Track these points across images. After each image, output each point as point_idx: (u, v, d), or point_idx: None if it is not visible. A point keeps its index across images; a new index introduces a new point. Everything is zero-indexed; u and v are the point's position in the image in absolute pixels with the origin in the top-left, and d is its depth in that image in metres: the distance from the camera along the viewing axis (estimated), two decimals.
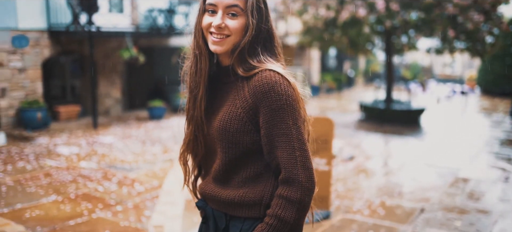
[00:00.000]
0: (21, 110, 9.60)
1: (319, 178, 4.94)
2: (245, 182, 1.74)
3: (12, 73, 9.67)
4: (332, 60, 22.30)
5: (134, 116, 11.91)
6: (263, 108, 1.62)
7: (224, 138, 1.70)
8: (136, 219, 5.01)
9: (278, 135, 1.62)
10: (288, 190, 1.61)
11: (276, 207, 1.62)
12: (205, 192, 1.85)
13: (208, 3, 1.69)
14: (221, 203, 1.78)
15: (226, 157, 1.73)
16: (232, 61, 1.72)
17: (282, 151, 1.62)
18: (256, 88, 1.63)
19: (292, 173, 1.60)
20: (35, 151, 8.11)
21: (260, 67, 1.67)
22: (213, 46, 1.69)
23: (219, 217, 1.81)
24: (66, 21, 10.27)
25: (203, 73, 1.74)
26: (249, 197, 1.72)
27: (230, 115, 1.69)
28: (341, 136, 9.75)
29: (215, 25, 1.67)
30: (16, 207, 5.30)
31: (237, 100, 1.70)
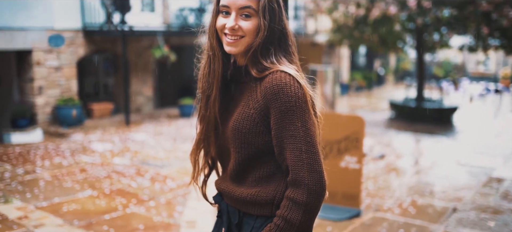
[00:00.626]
0: (57, 108, 9.87)
1: (349, 176, 4.97)
2: (259, 181, 1.75)
3: (49, 71, 9.95)
4: (362, 58, 22.12)
5: (165, 114, 12.09)
6: (273, 109, 1.63)
7: (237, 138, 1.72)
8: (169, 215, 5.11)
9: (286, 136, 1.62)
10: (295, 192, 1.61)
11: (284, 209, 1.63)
12: (221, 188, 1.89)
13: (222, 5, 1.71)
14: (235, 200, 1.81)
15: (239, 157, 1.75)
16: (246, 62, 1.74)
17: (290, 152, 1.62)
18: (267, 89, 1.63)
19: (299, 176, 1.60)
20: (70, 147, 8.34)
21: (273, 68, 1.67)
22: (228, 47, 1.71)
23: (233, 213, 1.83)
24: (100, 21, 10.50)
25: (216, 74, 1.76)
26: (262, 196, 1.73)
27: (243, 115, 1.70)
28: (371, 135, 9.69)
29: (229, 27, 1.68)
30: (54, 201, 5.48)
31: (250, 101, 1.71)
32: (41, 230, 4.63)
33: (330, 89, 8.69)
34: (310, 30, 16.65)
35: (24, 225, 4.74)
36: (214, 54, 1.75)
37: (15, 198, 5.57)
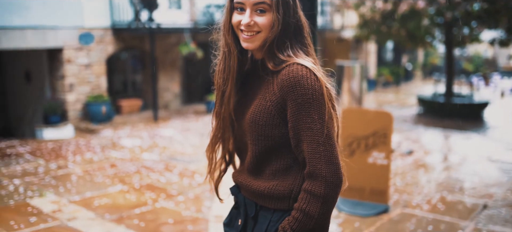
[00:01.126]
0: (87, 104, 10.08)
1: (377, 172, 4.95)
2: (276, 174, 1.76)
3: (79, 69, 10.16)
4: (389, 53, 21.87)
5: (192, 110, 12.21)
6: (290, 101, 1.63)
7: (254, 130, 1.73)
8: (197, 209, 5.18)
9: (303, 129, 1.62)
10: (312, 184, 1.62)
11: (302, 201, 1.64)
12: (239, 181, 1.90)
13: (236, 2, 1.71)
14: (252, 193, 1.82)
15: (256, 149, 1.76)
16: (262, 56, 1.76)
17: (307, 145, 1.62)
18: (283, 82, 1.64)
19: (316, 168, 1.61)
20: (100, 143, 8.51)
21: (289, 61, 1.68)
22: (245, 44, 1.72)
23: (250, 205, 1.84)
24: (128, 19, 10.67)
25: (231, 70, 1.77)
26: (279, 190, 1.74)
27: (259, 108, 1.71)
28: (399, 131, 9.60)
29: (244, 23, 1.69)
30: (86, 195, 5.61)
31: (266, 94, 1.72)
32: (74, 223, 4.75)
33: (357, 84, 8.64)
34: (337, 26, 16.55)
35: (58, 218, 4.88)
36: (229, 51, 1.76)
37: (49, 192, 5.72)
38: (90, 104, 10.05)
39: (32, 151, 7.98)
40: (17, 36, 8.89)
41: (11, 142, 8.80)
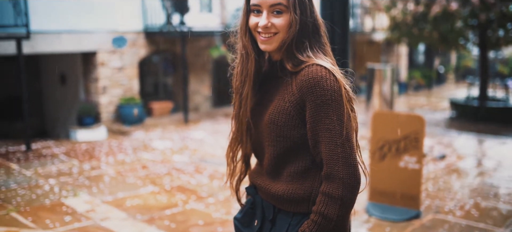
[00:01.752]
0: (120, 106, 10.27)
1: (408, 177, 4.89)
2: (294, 176, 1.75)
3: (112, 72, 10.36)
4: (421, 56, 21.53)
5: (222, 113, 12.29)
6: (309, 102, 1.63)
7: (273, 131, 1.72)
8: (227, 212, 5.22)
9: (321, 130, 1.62)
10: (330, 186, 1.61)
11: (320, 204, 1.63)
12: (257, 182, 1.89)
13: (252, 4, 1.71)
14: (270, 195, 1.81)
15: (275, 151, 1.75)
16: (281, 57, 1.75)
17: (325, 146, 1.62)
18: (303, 83, 1.63)
19: (334, 169, 1.61)
20: (132, 144, 8.66)
21: (309, 61, 1.67)
22: (263, 45, 1.72)
23: (268, 208, 1.84)
24: (160, 23, 10.83)
25: (249, 72, 1.76)
26: (298, 193, 1.73)
27: (278, 109, 1.71)
28: (431, 135, 9.45)
29: (262, 25, 1.68)
30: (118, 196, 5.72)
31: (285, 94, 1.71)
32: (106, 223, 4.85)
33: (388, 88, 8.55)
34: (367, 28, 16.40)
35: (91, 218, 4.99)
36: (247, 53, 1.76)
37: (83, 192, 5.86)
38: (122, 106, 10.23)
39: (67, 152, 8.18)
40: (53, 40, 9.13)
41: (47, 143, 9.04)
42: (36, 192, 5.86)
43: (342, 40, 2.52)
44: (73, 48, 9.64)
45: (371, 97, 8.55)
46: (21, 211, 5.19)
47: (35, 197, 5.65)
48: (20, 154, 7.96)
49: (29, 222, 4.87)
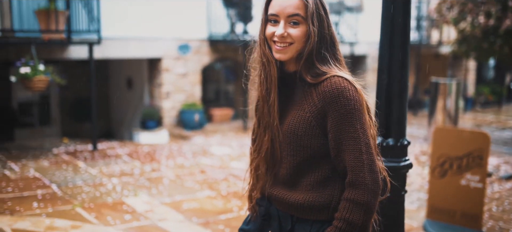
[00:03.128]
0: (182, 112, 10.55)
1: (470, 196, 4.71)
2: (314, 185, 1.78)
3: (176, 78, 10.68)
4: (491, 71, 20.63)
5: None
6: (332, 112, 1.68)
7: (293, 141, 1.76)
8: None
9: (346, 138, 1.67)
10: (355, 193, 1.66)
11: (344, 211, 1.67)
12: (273, 194, 1.90)
13: (270, 14, 1.76)
14: (289, 205, 1.83)
15: (294, 160, 1.79)
16: (299, 68, 1.77)
17: (350, 154, 1.67)
18: (326, 94, 1.69)
19: (359, 176, 1.66)
20: (192, 149, 8.87)
21: (329, 73, 1.72)
22: (277, 54, 1.76)
23: (285, 218, 1.86)
24: (224, 31, 11.04)
25: (273, 79, 1.79)
26: (319, 201, 1.76)
27: (298, 119, 1.76)
28: (498, 154, 9.02)
29: (278, 34, 1.73)
30: (176, 198, 5.88)
31: (305, 104, 1.76)
32: (164, 224, 5.00)
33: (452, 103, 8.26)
34: (434, 41, 15.93)
35: (149, 218, 5.16)
36: (268, 61, 1.79)
37: (143, 192, 6.07)
38: (184, 112, 10.51)
39: (130, 153, 8.50)
40: (122, 46, 9.55)
41: (112, 144, 9.43)
42: (99, 190, 6.14)
43: (402, 53, 2.49)
44: (140, 54, 10.03)
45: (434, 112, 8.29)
46: (85, 207, 5.45)
47: (99, 195, 5.92)
48: (87, 153, 8.36)
49: (92, 218, 5.10)
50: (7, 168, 7.14)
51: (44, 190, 6.05)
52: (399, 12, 2.48)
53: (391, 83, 2.49)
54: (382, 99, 2.52)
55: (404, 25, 2.49)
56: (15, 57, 7.99)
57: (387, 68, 2.50)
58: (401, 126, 2.53)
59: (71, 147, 8.89)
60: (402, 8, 2.48)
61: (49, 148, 8.76)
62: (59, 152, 8.40)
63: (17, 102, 10.53)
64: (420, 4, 15.06)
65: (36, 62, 7.47)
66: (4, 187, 6.15)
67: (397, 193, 2.55)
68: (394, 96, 2.49)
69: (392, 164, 2.50)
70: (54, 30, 7.77)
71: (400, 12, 2.48)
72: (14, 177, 6.66)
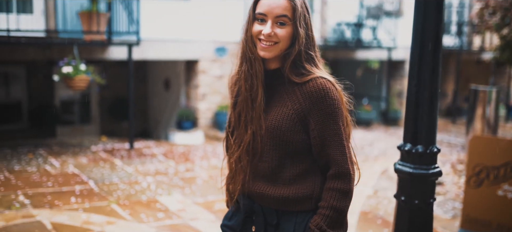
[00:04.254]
0: (217, 113, 10.66)
1: (507, 207, 4.58)
2: (296, 179, 1.90)
3: (212, 80, 10.80)
4: None
5: None
6: (318, 111, 1.83)
7: (276, 136, 1.86)
8: None
9: (330, 135, 1.84)
10: (341, 182, 1.85)
11: (330, 199, 1.84)
12: (253, 191, 1.95)
13: (258, 13, 1.85)
14: (272, 200, 1.92)
15: (276, 155, 1.88)
16: (280, 66, 1.89)
17: (334, 149, 1.85)
18: (312, 94, 1.82)
19: (344, 168, 1.85)
20: None
21: (313, 73, 1.86)
22: (262, 52, 1.85)
23: (270, 213, 1.94)
24: None
25: (259, 75, 1.88)
26: (302, 193, 1.89)
27: (282, 115, 1.86)
28: None
29: (265, 33, 1.82)
30: (209, 198, 5.96)
31: (288, 101, 1.87)
32: (195, 223, 5.08)
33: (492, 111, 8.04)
34: (475, 47, 15.54)
35: (182, 217, 5.25)
36: (254, 57, 1.87)
37: (176, 192, 6.17)
38: (219, 113, 10.61)
39: (165, 153, 8.65)
40: (160, 48, 9.73)
41: (148, 143, 9.62)
42: (134, 187, 6.28)
43: (433, 59, 2.46)
44: (177, 56, 10.19)
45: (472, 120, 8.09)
46: (120, 203, 5.60)
47: (134, 193, 6.06)
48: (123, 152, 8.56)
49: (126, 215, 5.23)
50: (48, 164, 7.40)
51: (82, 186, 6.24)
52: (431, 18, 2.46)
53: (421, 90, 2.47)
54: (412, 105, 2.50)
55: (436, 31, 2.47)
56: (58, 57, 8.28)
57: (417, 74, 2.48)
58: (431, 133, 2.51)
59: (108, 145, 9.13)
60: (435, 14, 2.45)
61: (88, 146, 9.03)
62: (97, 150, 8.64)
63: (59, 100, 10.89)
64: (462, 9, 14.73)
65: (78, 62, 7.72)
66: (45, 181, 6.38)
67: (425, 200, 2.53)
68: (424, 102, 2.47)
69: (420, 171, 2.49)
70: (96, 31, 8.01)
71: (432, 18, 2.46)
72: (55, 172, 6.90)
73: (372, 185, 6.81)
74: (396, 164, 2.60)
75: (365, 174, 7.42)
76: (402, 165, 2.56)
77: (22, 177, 6.56)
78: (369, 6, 12.20)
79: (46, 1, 8.28)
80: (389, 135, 11.18)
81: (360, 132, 11.53)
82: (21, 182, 6.29)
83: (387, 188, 6.60)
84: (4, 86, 10.92)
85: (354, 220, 5.35)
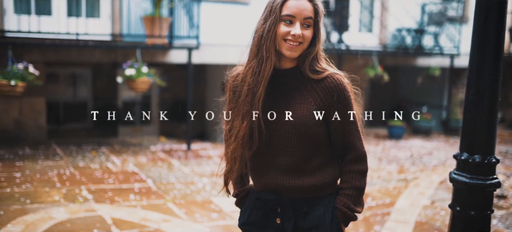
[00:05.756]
0: None
1: None
2: (318, 168, 2.07)
3: None
4: None
5: (373, 133, 12.09)
6: (337, 104, 2.02)
7: (304, 131, 1.99)
8: (366, 230, 5.17)
9: (349, 124, 2.06)
10: (359, 164, 2.09)
11: (352, 180, 2.08)
12: (278, 185, 2.06)
13: (286, 14, 1.94)
14: (301, 190, 2.06)
15: (303, 149, 2.02)
16: (304, 65, 2.02)
17: (352, 136, 2.08)
18: (331, 89, 2.00)
19: (361, 151, 2.10)
20: None
21: (327, 70, 2.03)
22: (288, 52, 1.96)
23: (299, 203, 2.08)
24: None
25: (266, 74, 1.96)
26: (327, 178, 2.08)
27: (307, 111, 2.00)
28: None
29: (296, 34, 1.93)
30: None
31: (309, 98, 2.01)
32: None
33: None
34: None
35: (235, 218, 5.32)
36: (268, 56, 1.96)
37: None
38: None
39: (221, 155, 8.77)
40: (219, 52, 9.91)
41: (204, 145, 9.82)
42: (190, 188, 6.44)
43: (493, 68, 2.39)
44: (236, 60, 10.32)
45: None
46: (176, 202, 5.76)
47: (189, 192, 6.22)
48: (181, 153, 8.79)
49: (182, 214, 5.38)
50: (110, 162, 7.72)
51: (140, 184, 6.47)
52: (492, 24, 2.39)
53: (479, 99, 2.40)
54: (469, 114, 2.44)
55: (498, 39, 2.40)
56: (122, 59, 8.64)
57: (476, 83, 2.41)
58: (489, 143, 2.44)
59: (167, 146, 9.40)
60: (496, 21, 2.39)
61: (147, 146, 9.34)
62: (156, 150, 8.92)
63: (122, 101, 11.32)
64: None
65: (140, 65, 8.01)
66: (107, 178, 6.67)
67: (482, 211, 2.46)
68: (482, 112, 2.40)
69: (477, 182, 2.42)
70: (158, 35, 8.29)
71: (494, 25, 2.39)
72: (115, 170, 7.19)
73: (429, 195, 6.63)
74: (452, 173, 2.54)
75: (422, 183, 7.24)
76: (457, 175, 2.50)
77: (86, 173, 6.89)
78: (431, 12, 11.88)
79: (112, 6, 8.66)
80: (449, 145, 10.82)
81: (419, 140, 11.24)
82: (85, 178, 6.61)
83: (445, 199, 6.40)
84: (72, 87, 11.50)
85: (408, 230, 5.24)
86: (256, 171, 2.15)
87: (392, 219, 5.59)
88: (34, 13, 8.06)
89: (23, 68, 7.24)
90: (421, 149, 10.21)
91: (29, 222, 4.90)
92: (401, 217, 5.66)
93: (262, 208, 2.13)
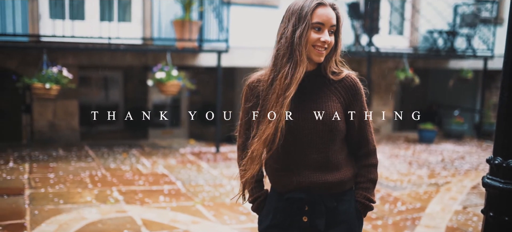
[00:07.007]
0: None
1: None
2: (345, 161, 2.22)
3: None
4: None
5: (403, 137, 11.93)
6: (356, 101, 2.18)
7: (333, 128, 2.11)
8: None
9: (364, 120, 2.22)
10: (372, 158, 2.26)
11: (367, 174, 2.24)
12: (311, 182, 2.14)
13: (316, 22, 2.05)
14: (331, 186, 2.16)
15: (331, 145, 2.14)
16: (326, 68, 2.16)
17: (367, 131, 2.23)
18: (350, 87, 2.16)
19: (373, 145, 2.26)
20: None
21: (343, 71, 2.19)
22: (317, 57, 2.09)
23: (328, 199, 2.16)
24: (348, 43, 11.00)
25: (298, 76, 2.05)
26: (350, 173, 2.22)
27: (333, 108, 2.13)
28: None
29: (326, 40, 2.06)
30: None
31: (333, 96, 2.15)
32: None
33: None
34: None
35: None
36: (302, 60, 2.05)
37: None
38: None
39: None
40: (248, 55, 9.96)
41: (233, 148, 9.84)
42: (219, 190, 6.48)
43: None
44: (263, 63, 10.35)
45: None
46: (205, 205, 5.81)
47: (218, 195, 6.26)
48: (210, 155, 8.85)
49: (210, 216, 5.42)
50: (140, 164, 7.84)
51: (170, 186, 6.55)
52: None
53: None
54: (503, 117, 2.39)
55: None
56: (152, 63, 8.76)
57: (510, 85, 2.36)
58: None
59: (196, 149, 9.49)
60: None
61: (177, 148, 9.44)
62: (185, 152, 9.01)
63: (152, 104, 11.48)
64: None
65: (170, 68, 8.11)
66: (137, 180, 6.77)
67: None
68: None
69: (511, 187, 2.36)
70: (188, 39, 8.38)
71: None
72: (146, 172, 7.30)
73: (461, 200, 6.50)
74: (485, 178, 2.49)
75: (454, 188, 7.10)
76: (491, 179, 2.44)
77: (117, 174, 7.01)
78: (464, 13, 11.66)
79: (143, 10, 8.80)
80: (482, 150, 10.59)
81: (451, 145, 11.03)
82: (116, 179, 6.73)
83: (478, 204, 6.27)
84: (104, 89, 11.72)
85: None
86: (284, 172, 2.19)
87: (423, 224, 5.50)
88: (68, 18, 8.26)
89: (57, 71, 7.44)
90: (453, 153, 10.02)
91: (62, 222, 5.02)
92: (432, 223, 5.57)
93: (288, 208, 2.17)
